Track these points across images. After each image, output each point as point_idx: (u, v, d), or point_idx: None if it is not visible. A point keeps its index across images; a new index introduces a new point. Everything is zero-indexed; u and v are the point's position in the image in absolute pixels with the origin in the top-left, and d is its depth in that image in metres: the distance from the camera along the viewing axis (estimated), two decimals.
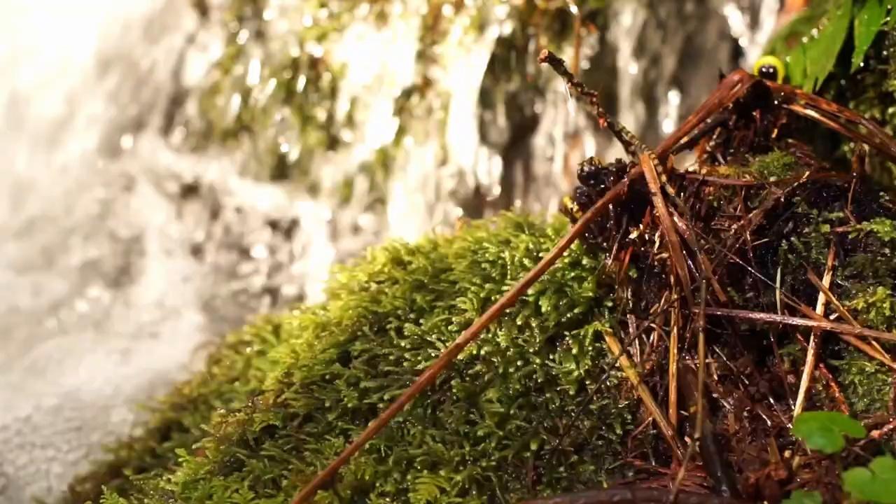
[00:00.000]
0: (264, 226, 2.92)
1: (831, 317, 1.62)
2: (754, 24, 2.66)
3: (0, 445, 2.32)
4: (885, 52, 1.90)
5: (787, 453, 1.51)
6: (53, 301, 2.89)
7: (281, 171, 2.90)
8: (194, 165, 2.99)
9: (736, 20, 2.68)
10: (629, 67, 2.69)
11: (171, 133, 3.03)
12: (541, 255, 1.77)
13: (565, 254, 1.71)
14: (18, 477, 2.31)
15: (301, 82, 2.81)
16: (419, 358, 1.69)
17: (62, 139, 3.10)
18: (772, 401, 1.60)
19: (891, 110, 1.93)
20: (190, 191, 3.00)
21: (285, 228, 2.90)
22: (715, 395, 1.60)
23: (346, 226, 2.85)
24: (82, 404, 2.43)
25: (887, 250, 1.62)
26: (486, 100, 2.70)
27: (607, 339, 1.67)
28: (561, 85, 2.67)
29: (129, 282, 2.93)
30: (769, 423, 1.56)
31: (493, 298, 1.72)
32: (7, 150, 3.15)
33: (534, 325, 1.68)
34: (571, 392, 1.63)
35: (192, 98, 3.00)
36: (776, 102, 1.86)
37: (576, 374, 1.64)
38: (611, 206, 1.67)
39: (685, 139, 1.83)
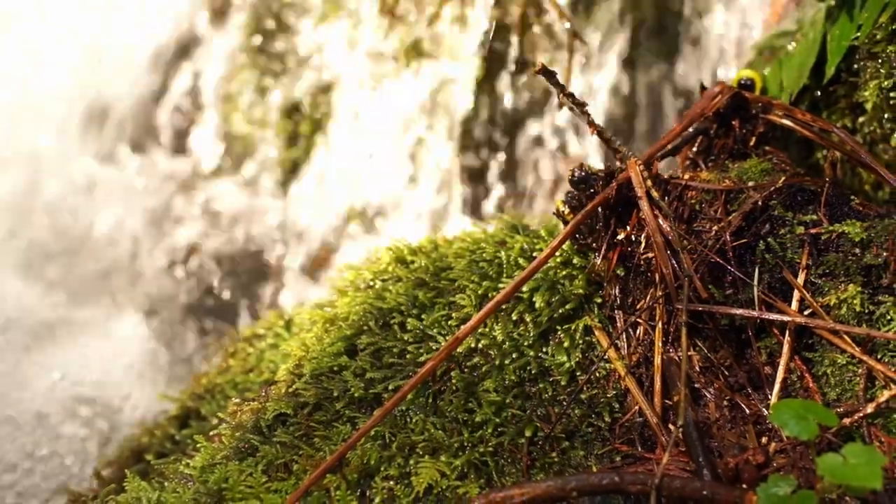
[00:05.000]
0: None
1: (805, 312, 1.62)
2: None
3: None
4: (855, 66, 1.91)
5: (764, 439, 1.51)
6: None
7: None
8: None
9: None
10: None
11: None
12: (535, 254, 1.76)
13: (557, 254, 1.71)
14: None
15: None
16: (421, 350, 1.69)
17: None
18: (750, 390, 1.60)
19: (861, 119, 1.93)
20: None
21: None
22: (697, 385, 1.60)
23: None
24: None
25: (858, 250, 1.62)
26: None
27: (596, 333, 1.67)
28: None
29: None
30: (747, 411, 1.56)
31: (489, 295, 1.72)
32: None
33: (528, 319, 1.68)
34: (563, 382, 1.63)
35: None
36: (754, 112, 1.86)
37: (567, 365, 1.64)
38: (600, 209, 1.67)
39: (669, 147, 1.83)
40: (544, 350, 1.66)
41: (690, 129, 1.86)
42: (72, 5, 3.20)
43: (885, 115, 1.87)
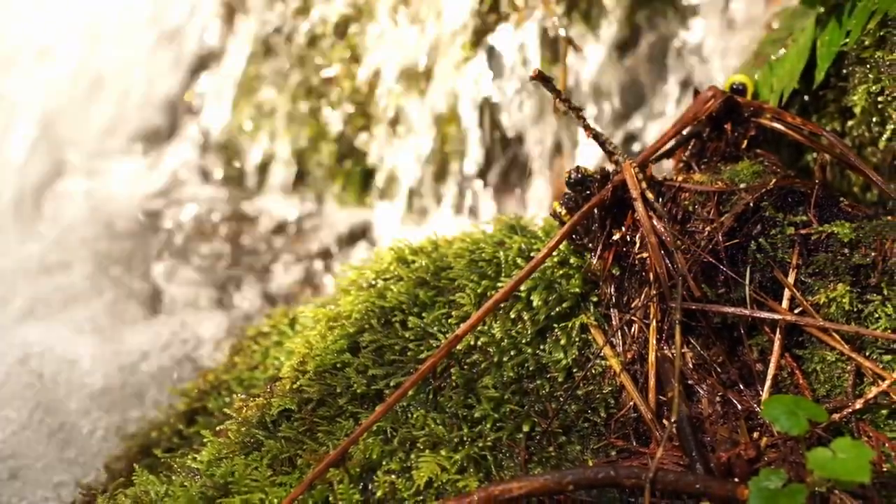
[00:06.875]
0: None
1: (796, 311, 1.62)
2: None
3: None
4: (844, 71, 1.90)
5: (755, 434, 1.51)
6: None
7: None
8: None
9: None
10: None
11: None
12: (532, 254, 1.76)
13: (554, 253, 1.71)
14: None
15: None
16: (422, 348, 1.69)
17: None
18: (742, 387, 1.60)
19: (850, 123, 1.93)
20: None
21: None
22: (690, 382, 1.60)
23: None
24: None
25: (846, 250, 1.62)
26: None
27: (592, 330, 1.67)
28: None
29: None
30: (739, 407, 1.56)
31: (488, 294, 1.72)
32: None
33: (526, 318, 1.68)
34: (560, 379, 1.63)
35: None
36: (746, 116, 1.86)
37: (564, 362, 1.64)
38: (596, 211, 1.67)
39: (663, 149, 1.83)
40: (542, 347, 1.66)
41: (684, 133, 1.86)
42: None
43: (874, 119, 1.87)
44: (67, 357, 2.41)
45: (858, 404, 1.50)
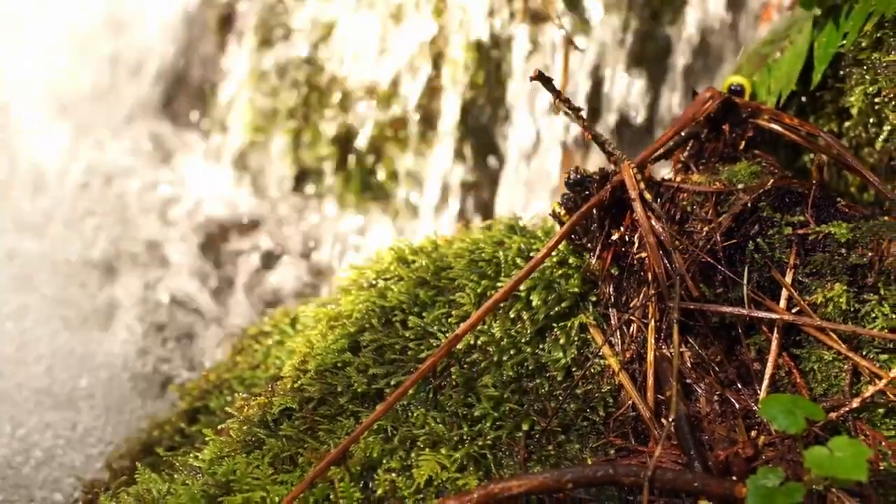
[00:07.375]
0: None
1: (793, 310, 1.62)
2: None
3: None
4: (841, 72, 1.91)
5: (753, 433, 1.51)
6: None
7: None
8: None
9: None
10: None
11: None
12: (532, 254, 1.77)
13: (553, 253, 1.71)
14: None
15: None
16: (422, 347, 1.69)
17: None
18: (740, 386, 1.60)
19: (847, 124, 1.93)
20: None
21: None
22: (688, 381, 1.61)
23: None
24: None
25: (843, 250, 1.62)
26: None
27: (591, 330, 1.67)
28: None
29: None
30: (737, 405, 1.56)
31: (488, 294, 1.72)
32: None
33: (525, 317, 1.68)
34: (559, 378, 1.63)
35: None
36: (743, 117, 1.86)
37: (563, 361, 1.64)
38: (595, 211, 1.67)
39: (662, 150, 1.83)
40: (541, 347, 1.66)
41: (682, 134, 1.85)
42: None
43: (870, 120, 1.87)
44: None
45: (855, 403, 1.50)
